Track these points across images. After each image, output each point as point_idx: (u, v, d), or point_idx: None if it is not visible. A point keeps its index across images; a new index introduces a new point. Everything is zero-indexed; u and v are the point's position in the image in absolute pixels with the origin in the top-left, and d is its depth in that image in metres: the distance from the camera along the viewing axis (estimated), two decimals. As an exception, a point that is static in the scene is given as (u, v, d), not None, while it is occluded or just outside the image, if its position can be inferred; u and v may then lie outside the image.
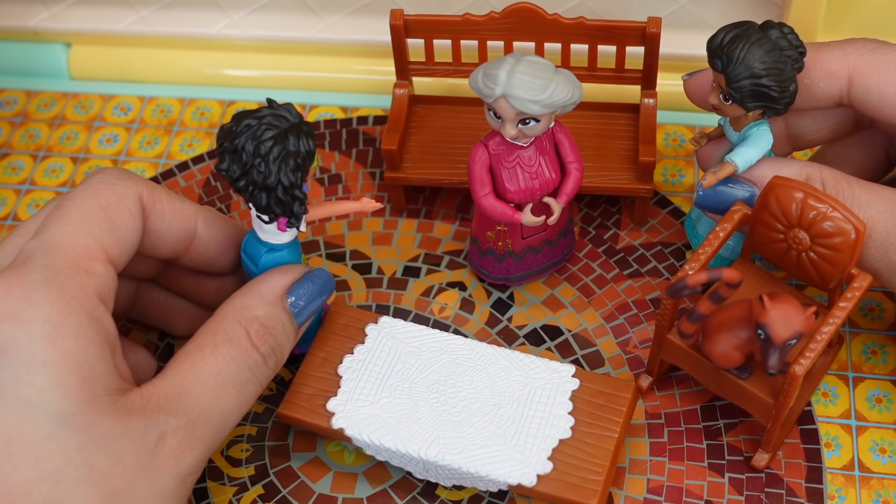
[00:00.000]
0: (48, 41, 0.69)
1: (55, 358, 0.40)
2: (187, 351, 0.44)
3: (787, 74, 0.47)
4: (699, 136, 0.53)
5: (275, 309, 0.47)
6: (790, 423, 0.50)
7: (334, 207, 0.47)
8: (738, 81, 0.47)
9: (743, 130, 0.50)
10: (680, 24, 0.64)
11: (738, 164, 0.49)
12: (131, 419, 0.41)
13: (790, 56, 0.47)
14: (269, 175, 0.44)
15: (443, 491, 0.50)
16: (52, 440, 0.39)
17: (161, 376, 0.43)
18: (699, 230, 0.55)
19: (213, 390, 0.44)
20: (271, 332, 0.46)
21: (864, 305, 0.55)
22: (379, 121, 0.65)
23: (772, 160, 0.50)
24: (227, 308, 0.46)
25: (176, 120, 0.66)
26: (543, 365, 0.50)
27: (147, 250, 0.48)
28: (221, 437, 0.45)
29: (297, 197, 0.45)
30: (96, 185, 0.45)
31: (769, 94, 0.47)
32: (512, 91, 0.47)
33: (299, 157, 0.44)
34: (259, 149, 0.44)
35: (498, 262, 0.55)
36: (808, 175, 0.48)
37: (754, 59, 0.46)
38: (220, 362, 0.44)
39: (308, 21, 0.67)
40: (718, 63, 0.47)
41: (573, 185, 0.52)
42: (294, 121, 0.45)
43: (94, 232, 0.44)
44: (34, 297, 0.41)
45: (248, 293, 0.47)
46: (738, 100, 0.48)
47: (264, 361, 0.46)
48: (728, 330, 0.46)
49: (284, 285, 0.47)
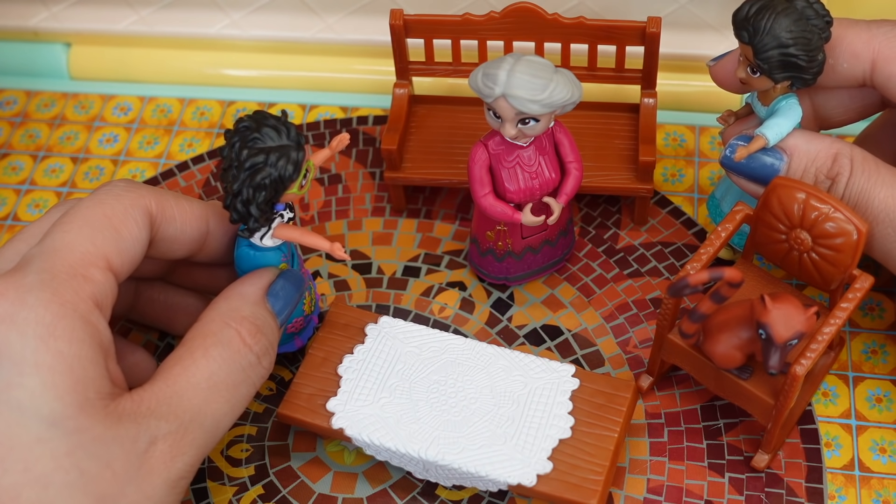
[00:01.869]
0: (48, 41, 0.69)
1: (47, 359, 0.40)
2: (177, 356, 0.44)
3: (815, 44, 0.46)
4: (727, 114, 0.53)
5: (260, 309, 0.47)
6: (791, 424, 0.50)
7: (306, 237, 0.47)
8: (765, 52, 0.46)
9: (772, 104, 0.49)
10: (680, 23, 0.64)
11: (769, 136, 0.48)
12: (122, 424, 0.41)
13: (817, 25, 0.46)
14: (236, 181, 0.45)
15: (443, 491, 0.50)
16: (42, 444, 0.39)
17: (151, 382, 0.43)
18: (724, 208, 0.55)
19: (205, 394, 0.44)
20: (262, 332, 0.46)
21: (865, 305, 0.55)
22: (379, 121, 0.65)
23: (804, 132, 0.49)
24: (212, 312, 0.46)
25: (176, 120, 0.66)
26: (543, 365, 0.50)
27: (163, 254, 0.48)
28: (214, 441, 0.44)
29: (252, 213, 0.45)
30: (103, 196, 0.46)
31: (797, 63, 0.46)
32: (511, 91, 0.47)
33: (268, 178, 0.44)
34: (240, 153, 0.44)
35: (498, 262, 0.55)
36: (839, 150, 0.48)
37: (781, 28, 0.46)
38: (212, 365, 0.44)
39: (308, 21, 0.67)
40: (745, 34, 0.47)
41: (573, 185, 0.52)
42: (286, 142, 0.45)
43: (96, 239, 0.44)
44: (28, 299, 0.41)
45: (230, 297, 0.47)
46: (767, 70, 0.47)
47: (259, 361, 0.46)
48: (729, 330, 0.46)
49: (263, 286, 0.48)
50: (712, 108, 0.62)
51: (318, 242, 0.47)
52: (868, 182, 0.47)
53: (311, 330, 0.53)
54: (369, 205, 0.61)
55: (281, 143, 0.45)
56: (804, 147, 0.48)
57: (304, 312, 0.52)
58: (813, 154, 0.48)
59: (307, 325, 0.53)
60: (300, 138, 0.45)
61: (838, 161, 0.48)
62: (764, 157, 0.49)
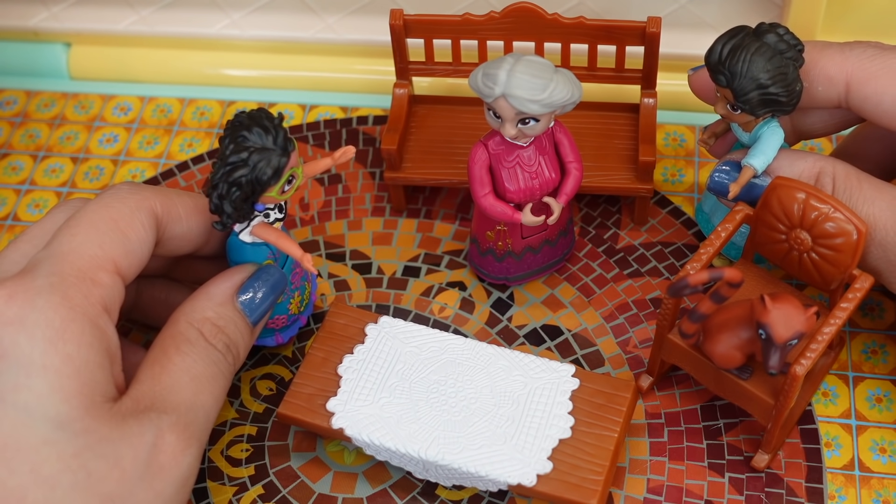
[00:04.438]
0: (48, 41, 0.69)
1: (56, 362, 0.40)
2: (152, 357, 0.45)
3: (792, 76, 0.47)
4: (707, 136, 0.53)
5: (224, 309, 0.47)
6: (791, 424, 0.50)
7: (280, 241, 0.48)
8: (745, 94, 0.47)
9: (753, 131, 0.50)
10: (680, 23, 0.64)
11: (756, 166, 0.49)
12: (127, 423, 0.41)
13: (791, 58, 0.47)
14: (216, 174, 0.45)
15: (443, 491, 0.50)
16: (49, 445, 0.39)
17: (138, 382, 0.44)
18: (714, 222, 0.55)
19: (190, 386, 0.44)
20: (223, 330, 0.47)
21: (865, 305, 0.55)
22: (379, 121, 0.65)
23: (787, 153, 0.50)
24: (178, 314, 0.47)
25: (176, 120, 0.66)
26: (543, 365, 0.50)
27: (172, 252, 0.49)
28: (208, 434, 0.45)
29: (224, 209, 0.45)
30: (108, 199, 0.46)
31: (778, 100, 0.47)
32: (511, 91, 0.47)
33: (244, 178, 0.44)
34: (227, 147, 0.45)
35: (498, 262, 0.55)
36: (822, 169, 0.48)
37: (758, 69, 0.46)
38: (187, 360, 0.45)
39: (308, 21, 0.67)
40: (723, 79, 0.47)
41: (573, 185, 0.52)
42: (271, 146, 0.45)
43: (103, 243, 0.44)
44: (38, 302, 0.41)
45: (197, 297, 0.47)
46: (748, 110, 0.47)
47: (223, 357, 0.46)
48: (729, 330, 0.46)
49: (233, 285, 0.48)
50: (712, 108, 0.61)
51: (291, 249, 0.48)
52: (850, 201, 0.48)
53: (295, 329, 0.53)
54: (369, 205, 0.61)
55: (265, 146, 0.45)
56: (787, 169, 0.49)
57: (288, 311, 0.51)
58: (796, 174, 0.49)
59: (291, 323, 0.53)
60: (287, 144, 0.45)
61: (820, 180, 0.48)
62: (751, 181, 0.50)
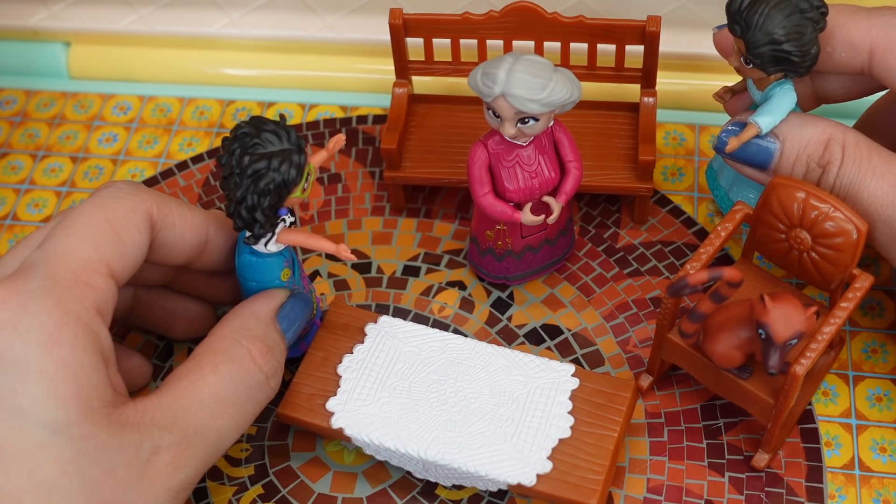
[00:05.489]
0: (48, 40, 0.69)
1: (51, 367, 0.40)
2: (186, 369, 0.44)
3: (808, 38, 0.46)
4: (723, 91, 0.52)
5: (271, 329, 0.47)
6: (791, 424, 0.50)
7: (310, 241, 0.47)
8: (757, 48, 0.46)
9: (766, 90, 0.49)
10: (679, 22, 0.64)
11: (761, 124, 0.48)
12: (125, 433, 0.41)
13: (811, 18, 0.46)
14: (239, 188, 0.45)
15: (442, 490, 0.50)
16: (45, 450, 0.39)
17: (158, 393, 0.43)
18: (721, 181, 0.55)
19: (211, 409, 0.44)
20: (272, 352, 0.46)
21: (865, 304, 0.55)
22: (378, 120, 0.65)
23: (798, 116, 0.49)
24: (224, 329, 0.46)
25: (175, 119, 0.66)
26: (543, 364, 0.49)
27: (160, 260, 0.48)
28: (217, 456, 0.44)
29: (257, 219, 0.45)
30: (105, 198, 0.45)
31: (790, 59, 0.46)
32: (511, 90, 0.47)
33: (272, 183, 0.44)
34: (242, 160, 0.44)
35: (497, 262, 0.55)
36: (831, 136, 0.47)
37: (773, 24, 0.45)
38: (220, 381, 0.44)
39: (308, 20, 0.67)
40: (737, 28, 0.46)
41: (573, 184, 0.52)
42: (287, 146, 0.45)
43: (97, 245, 0.43)
44: (31, 306, 0.41)
45: (243, 314, 0.47)
46: (759, 65, 0.47)
47: (267, 381, 0.46)
48: (729, 329, 0.46)
49: (274, 307, 0.48)
50: (712, 107, 0.61)
51: (322, 245, 0.47)
52: (858, 173, 0.47)
53: (314, 332, 0.53)
54: (369, 204, 0.61)
55: (282, 148, 0.45)
56: (797, 132, 0.48)
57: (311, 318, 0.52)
58: (805, 140, 0.48)
59: (311, 329, 0.53)
60: (301, 141, 0.45)
61: (829, 148, 0.47)
62: (757, 142, 0.49)
